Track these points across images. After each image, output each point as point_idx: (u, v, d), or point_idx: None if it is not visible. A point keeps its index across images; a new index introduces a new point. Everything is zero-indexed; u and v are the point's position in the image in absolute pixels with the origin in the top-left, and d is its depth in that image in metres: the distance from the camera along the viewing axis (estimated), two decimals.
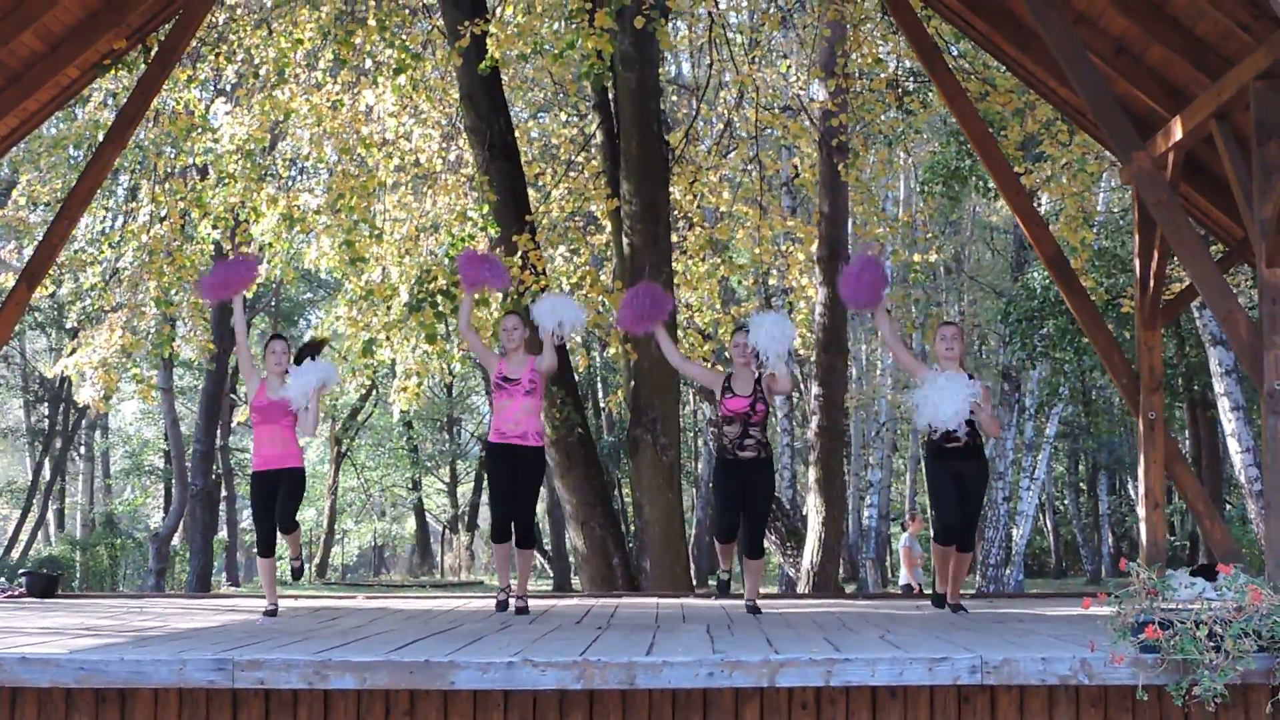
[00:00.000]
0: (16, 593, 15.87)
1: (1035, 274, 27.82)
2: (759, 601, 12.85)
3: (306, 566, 16.98)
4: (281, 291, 46.94)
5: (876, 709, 8.47)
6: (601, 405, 45.14)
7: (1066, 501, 55.67)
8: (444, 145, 22.42)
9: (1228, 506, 35.95)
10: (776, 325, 12.29)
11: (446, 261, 19.85)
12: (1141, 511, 14.78)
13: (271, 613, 12.32)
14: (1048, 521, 54.70)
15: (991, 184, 24.26)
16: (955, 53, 21.46)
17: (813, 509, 23.03)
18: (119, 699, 8.46)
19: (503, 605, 12.46)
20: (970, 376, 12.21)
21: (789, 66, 24.66)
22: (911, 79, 24.76)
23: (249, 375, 12.84)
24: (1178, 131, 13.00)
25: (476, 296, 14.15)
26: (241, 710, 8.45)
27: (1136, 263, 15.08)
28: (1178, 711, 8.44)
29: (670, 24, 23.31)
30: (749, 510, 12.40)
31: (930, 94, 24.42)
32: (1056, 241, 16.39)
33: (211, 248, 20.94)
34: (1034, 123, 20.50)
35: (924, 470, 13.06)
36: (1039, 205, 23.12)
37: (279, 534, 12.56)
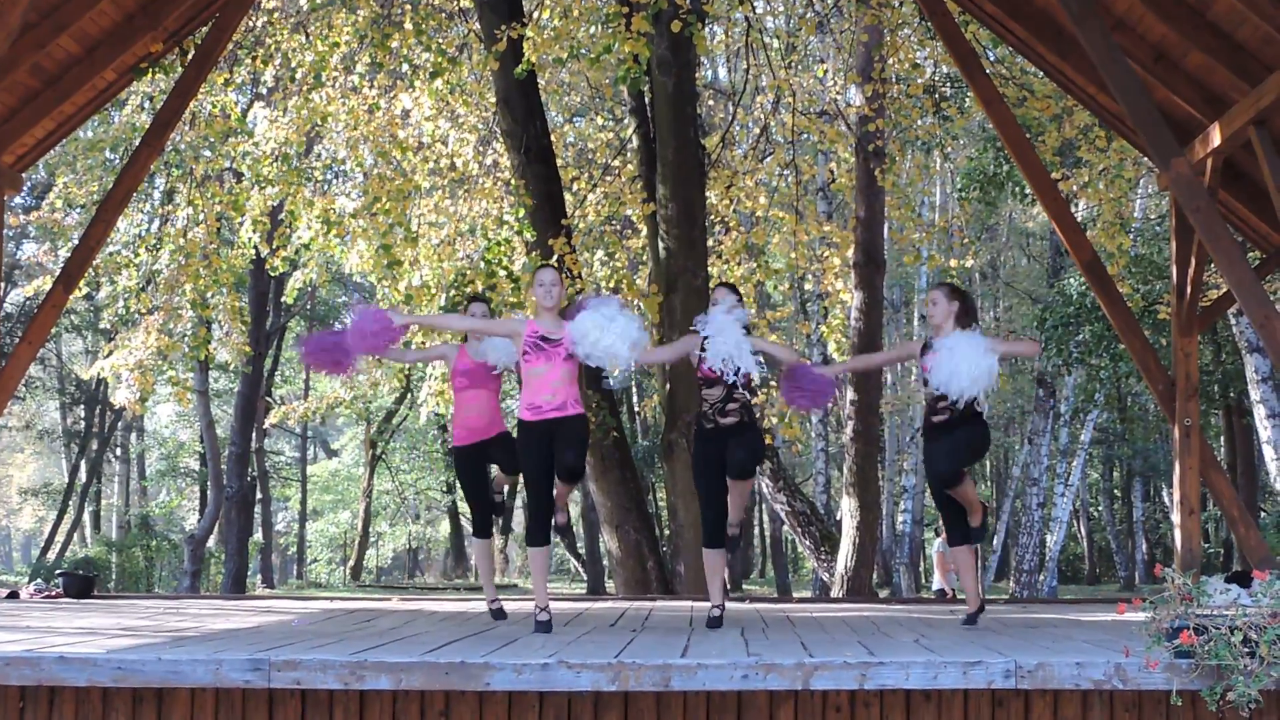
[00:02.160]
0: (54, 593, 15.94)
1: (1071, 280, 27.75)
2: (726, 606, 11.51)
3: (343, 569, 16.73)
4: (316, 295, 47.05)
5: (910, 713, 8.46)
6: (636, 409, 45.18)
7: (1100, 508, 55.55)
8: (480, 149, 22.45)
9: (1262, 513, 35.86)
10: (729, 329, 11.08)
11: (483, 264, 19.89)
12: (1176, 518, 14.73)
13: (499, 613, 11.97)
14: (1082, 528, 54.60)
15: (1028, 190, 24.23)
16: (993, 58, 21.44)
17: (847, 513, 23.00)
18: (155, 699, 8.50)
19: (543, 626, 10.19)
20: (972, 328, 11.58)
21: (825, 71, 24.64)
22: (949, 84, 24.73)
23: (440, 354, 12.33)
24: (1216, 138, 12.97)
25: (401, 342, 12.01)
26: (277, 710, 8.48)
27: (1173, 269, 15.03)
28: (1212, 717, 8.42)
29: (707, 29, 23.30)
30: (734, 451, 10.87)
31: (967, 99, 24.41)
32: (1093, 247, 16.36)
33: (253, 252, 21.00)
34: (1071, 128, 20.46)
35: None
36: (1076, 211, 23.03)
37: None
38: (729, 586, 20.21)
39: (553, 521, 10.73)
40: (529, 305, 18.75)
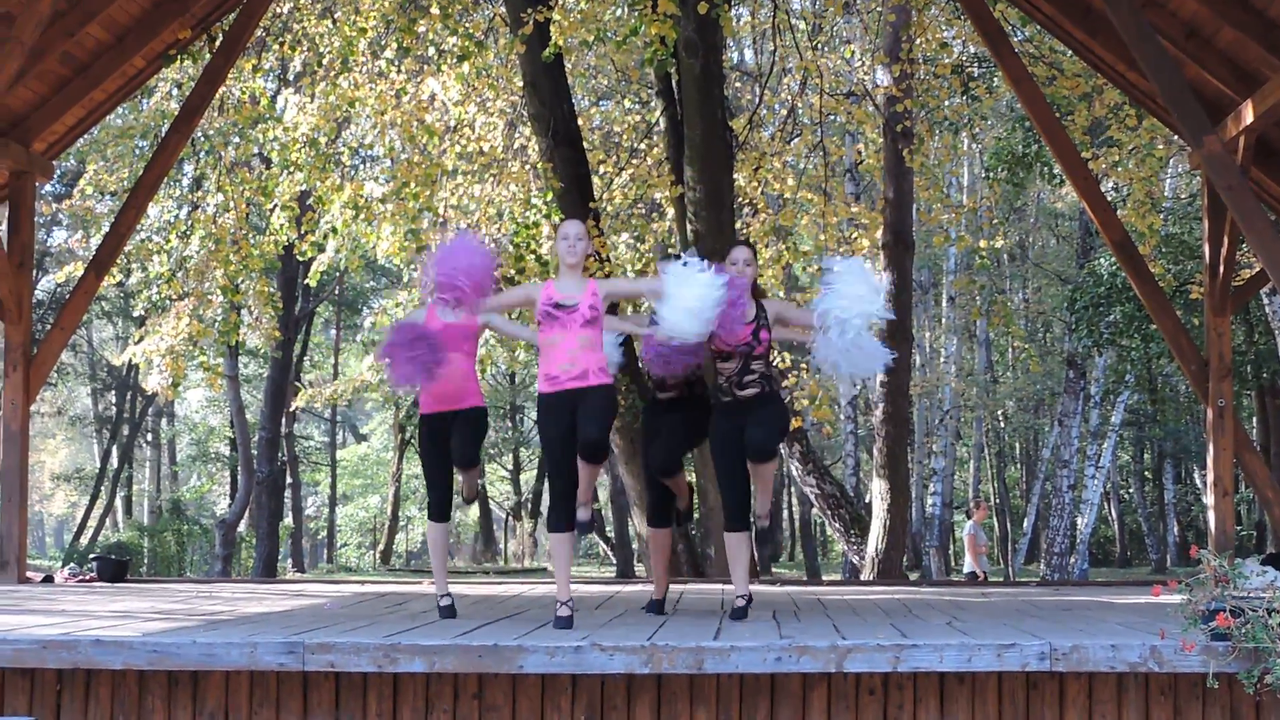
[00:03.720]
0: (88, 577, 16.00)
1: (1102, 260, 27.65)
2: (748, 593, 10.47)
3: (372, 553, 16.46)
4: (345, 280, 47.10)
5: (944, 695, 8.45)
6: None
7: (1132, 490, 55.38)
8: (507, 133, 22.43)
9: None
10: (857, 280, 9.92)
11: (511, 248, 19.85)
12: (1210, 499, 14.68)
13: (448, 610, 10.46)
14: (1113, 510, 54.43)
15: (1057, 170, 24.17)
16: (1021, 37, 21.33)
17: (877, 496, 22.98)
18: (191, 681, 8.53)
19: (564, 621, 9.36)
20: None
21: (853, 52, 24.57)
22: (976, 64, 24.64)
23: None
24: (1249, 115, 12.89)
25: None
26: (312, 693, 8.50)
27: (1205, 248, 14.99)
28: (1249, 700, 8.39)
29: (734, 10, 23.26)
30: (752, 431, 10.08)
31: (995, 79, 24.32)
32: (1124, 227, 16.30)
33: (283, 238, 21.01)
34: (1101, 107, 20.39)
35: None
36: (1105, 190, 22.95)
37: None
38: (758, 569, 20.18)
39: (575, 514, 9.82)
40: None
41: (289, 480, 50.71)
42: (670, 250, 23.18)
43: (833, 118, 23.35)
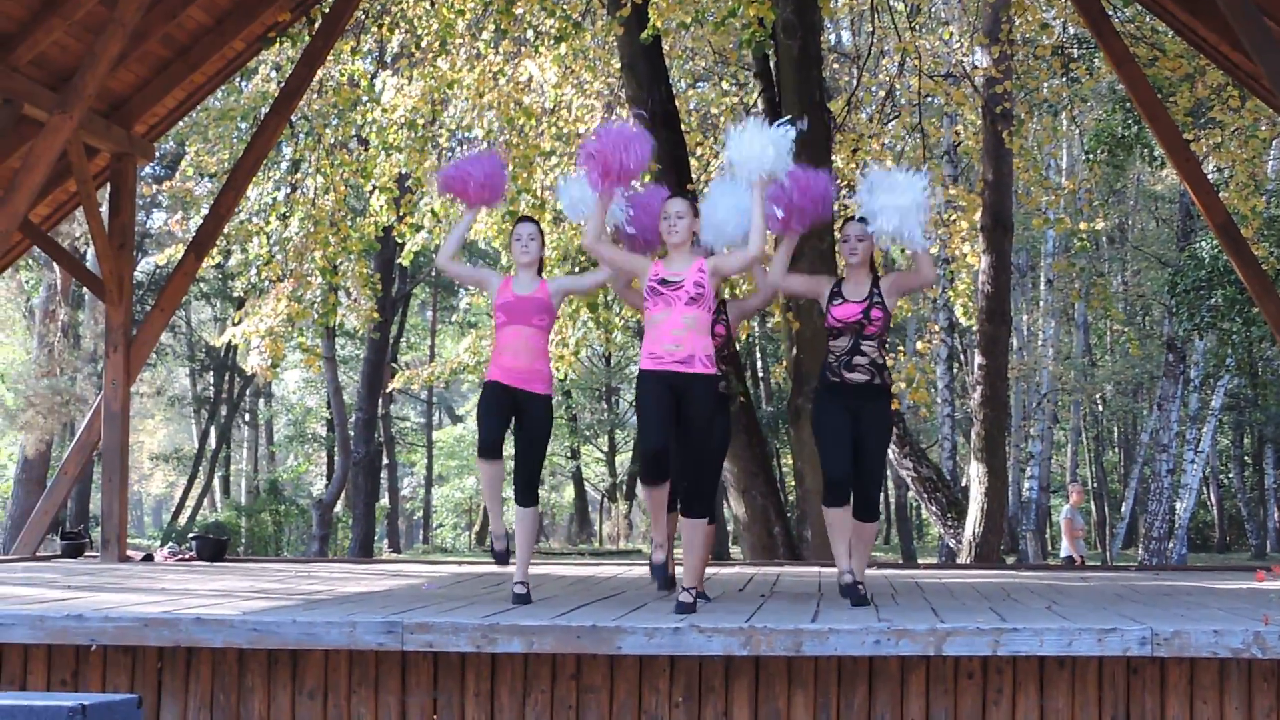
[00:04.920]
0: (187, 556, 16.16)
1: (1203, 243, 27.40)
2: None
3: (468, 534, 16.39)
4: None
5: (1044, 680, 8.39)
6: (760, 374, 45.16)
7: (1231, 475, 54.87)
8: (606, 115, 22.44)
9: None
10: (902, 189, 9.64)
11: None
12: None
13: (503, 556, 10.65)
14: (1212, 495, 53.98)
15: (1157, 151, 23.97)
16: (1123, 18, 21.16)
17: (975, 479, 22.90)
18: (290, 660, 8.59)
19: (663, 580, 9.93)
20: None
21: (951, 33, 24.44)
22: (1077, 45, 24.46)
23: (482, 279, 10.73)
24: None
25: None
26: (410, 672, 8.54)
27: None
28: None
29: None
30: (862, 455, 9.80)
31: (1096, 60, 24.14)
32: (1226, 209, 16.15)
33: (384, 220, 21.10)
34: (1204, 88, 20.22)
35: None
36: (1207, 172, 22.75)
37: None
38: None
39: (667, 473, 9.50)
40: None
41: (385, 461, 51.01)
42: None
43: (931, 99, 23.25)
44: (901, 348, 22.10)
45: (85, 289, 22.93)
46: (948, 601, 10.12)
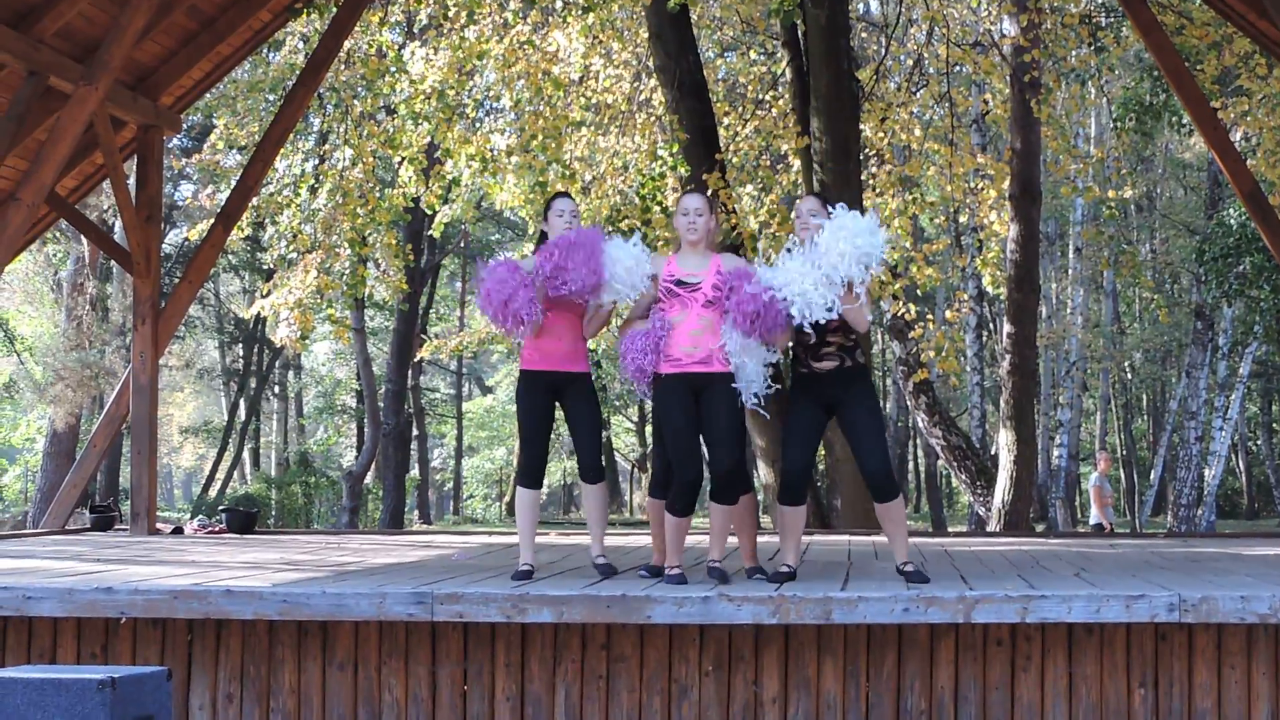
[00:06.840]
0: (217, 529, 16.23)
1: (1231, 211, 27.32)
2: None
3: (499, 505, 16.19)
4: (471, 233, 47.29)
5: (1073, 646, 8.42)
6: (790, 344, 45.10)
7: (1260, 442, 54.73)
8: (633, 85, 22.44)
9: None
10: (857, 232, 9.06)
11: (638, 199, 19.88)
12: None
13: (526, 574, 9.57)
14: (1240, 462, 53.86)
15: (1185, 119, 23.89)
16: None
17: (1004, 447, 22.91)
18: (320, 631, 8.63)
19: (664, 576, 9.10)
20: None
21: (979, 2, 24.37)
22: (1104, 13, 24.38)
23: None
24: None
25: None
26: (440, 643, 8.59)
27: None
28: None
29: None
30: (857, 439, 9.31)
31: (1124, 28, 24.05)
32: (1254, 177, 16.11)
33: (413, 191, 21.09)
34: (1231, 56, 20.14)
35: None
36: (1235, 140, 22.67)
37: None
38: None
39: (693, 505, 9.35)
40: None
41: (415, 432, 51.08)
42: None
43: (959, 68, 23.22)
44: (931, 316, 21.99)
45: (113, 261, 22.91)
46: (977, 569, 10.14)
